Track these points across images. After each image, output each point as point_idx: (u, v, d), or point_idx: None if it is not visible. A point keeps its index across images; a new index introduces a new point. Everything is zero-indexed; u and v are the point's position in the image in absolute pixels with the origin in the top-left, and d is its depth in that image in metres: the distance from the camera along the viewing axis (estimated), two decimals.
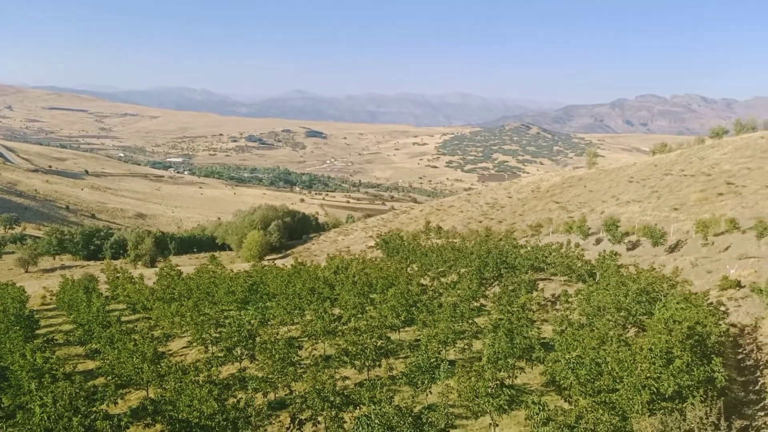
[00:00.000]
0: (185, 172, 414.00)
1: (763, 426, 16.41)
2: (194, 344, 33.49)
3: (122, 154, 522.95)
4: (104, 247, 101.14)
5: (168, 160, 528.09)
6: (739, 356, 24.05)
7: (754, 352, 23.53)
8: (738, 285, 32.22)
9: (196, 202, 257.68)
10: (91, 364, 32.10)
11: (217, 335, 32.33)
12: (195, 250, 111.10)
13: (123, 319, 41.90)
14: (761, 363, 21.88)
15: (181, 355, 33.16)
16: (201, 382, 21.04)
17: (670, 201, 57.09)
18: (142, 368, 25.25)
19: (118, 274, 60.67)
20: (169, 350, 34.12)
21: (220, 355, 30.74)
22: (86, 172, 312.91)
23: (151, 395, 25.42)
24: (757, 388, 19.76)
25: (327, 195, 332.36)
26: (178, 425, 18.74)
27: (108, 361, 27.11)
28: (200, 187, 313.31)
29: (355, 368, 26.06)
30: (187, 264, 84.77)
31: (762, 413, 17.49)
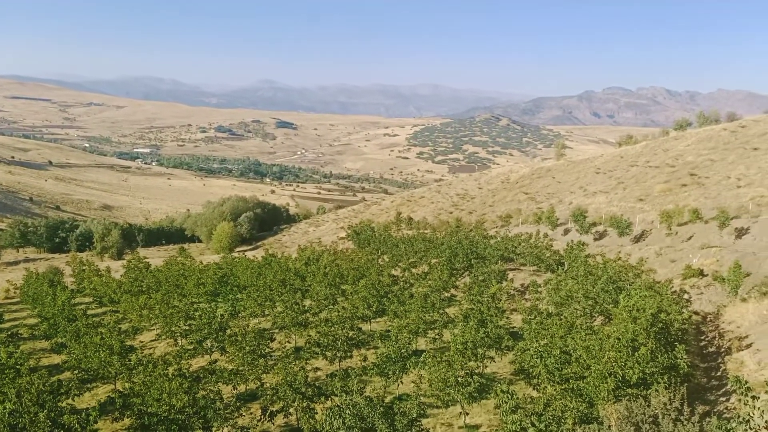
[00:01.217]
0: (153, 163, 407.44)
1: (724, 411, 16.89)
2: (163, 337, 33.17)
3: (87, 145, 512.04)
4: (69, 240, 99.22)
5: (135, 150, 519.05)
6: (702, 343, 24.67)
7: (716, 339, 24.16)
8: (701, 274, 33.03)
9: (165, 194, 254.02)
10: (56, 359, 31.55)
11: (187, 328, 32.07)
12: (163, 242, 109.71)
13: (89, 312, 41.18)
14: (723, 350, 22.49)
15: (150, 348, 32.78)
16: (170, 375, 20.86)
17: (636, 192, 58.13)
18: (110, 362, 24.91)
19: (84, 267, 59.55)
20: (138, 343, 33.67)
21: (189, 347, 30.49)
22: (50, 162, 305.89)
23: (119, 389, 25.11)
24: (719, 374, 20.31)
25: (298, 186, 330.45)
26: (147, 419, 18.56)
27: (74, 355, 26.69)
28: (168, 179, 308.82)
29: (326, 359, 26.09)
30: (156, 256, 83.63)
31: (723, 398, 18.00)
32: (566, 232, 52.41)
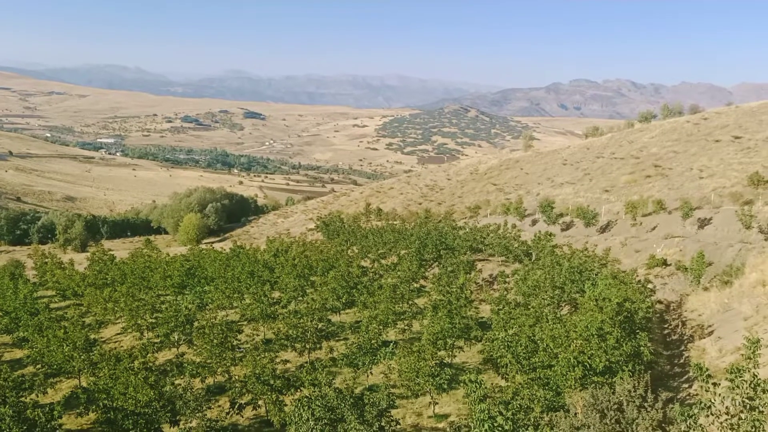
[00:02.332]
0: (117, 154, 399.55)
1: (687, 397, 17.28)
2: (129, 330, 32.64)
3: (49, 135, 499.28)
4: (31, 232, 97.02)
5: (99, 140, 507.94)
6: (665, 331, 25.22)
7: (679, 327, 24.71)
8: (664, 263, 33.73)
9: (130, 185, 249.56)
10: (18, 353, 30.84)
11: (153, 321, 31.63)
12: (129, 233, 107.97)
13: (52, 306, 40.42)
14: (685, 337, 23.00)
15: (115, 342, 32.24)
16: (136, 369, 20.55)
17: (602, 183, 59.02)
18: (73, 356, 24.42)
19: (47, 260, 58.22)
20: (102, 337, 33.11)
21: (156, 341, 30.06)
22: (10, 153, 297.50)
23: (84, 384, 24.66)
24: (681, 361, 20.77)
25: (266, 177, 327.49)
26: (113, 414, 18.25)
27: (37, 350, 26.12)
28: (134, 169, 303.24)
29: (295, 351, 25.98)
30: (121, 248, 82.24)
31: (686, 385, 18.42)
32: (534, 222, 52.98)
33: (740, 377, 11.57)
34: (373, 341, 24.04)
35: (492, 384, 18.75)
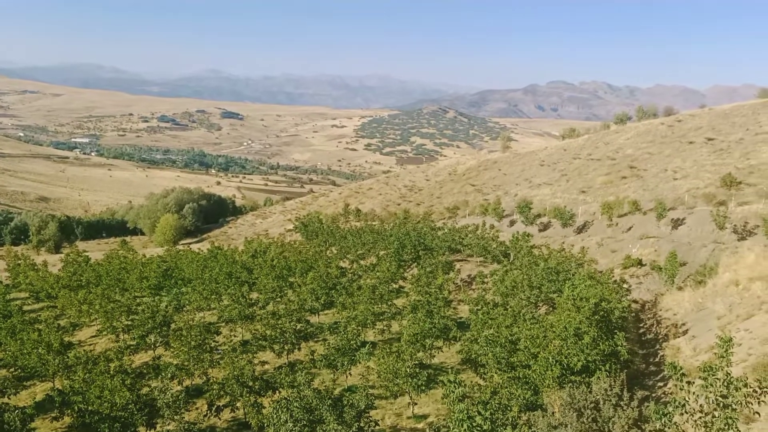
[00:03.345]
0: (92, 153, 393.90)
1: (662, 395, 17.53)
2: (104, 333, 32.26)
3: (22, 134, 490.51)
4: (3, 233, 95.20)
5: (73, 140, 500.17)
6: (641, 330, 25.55)
7: (654, 326, 25.06)
8: (639, 263, 34.17)
9: (105, 185, 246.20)
10: None
11: (129, 323, 31.28)
12: (104, 235, 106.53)
13: (25, 308, 39.76)
14: (660, 336, 23.33)
15: (90, 345, 31.80)
16: (112, 371, 20.29)
17: (579, 184, 59.62)
18: (48, 359, 24.05)
19: (20, 261, 57.26)
20: (77, 340, 32.63)
21: (132, 343, 29.72)
22: None
23: (59, 387, 24.29)
24: (656, 360, 21.06)
25: (244, 178, 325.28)
26: (88, 417, 18.01)
27: (10, 353, 25.67)
28: (109, 169, 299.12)
29: (274, 352, 25.88)
30: (96, 250, 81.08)
31: (661, 383, 18.68)
32: (512, 223, 53.34)
33: (714, 376, 11.76)
34: (352, 342, 24.03)
35: (471, 384, 18.84)
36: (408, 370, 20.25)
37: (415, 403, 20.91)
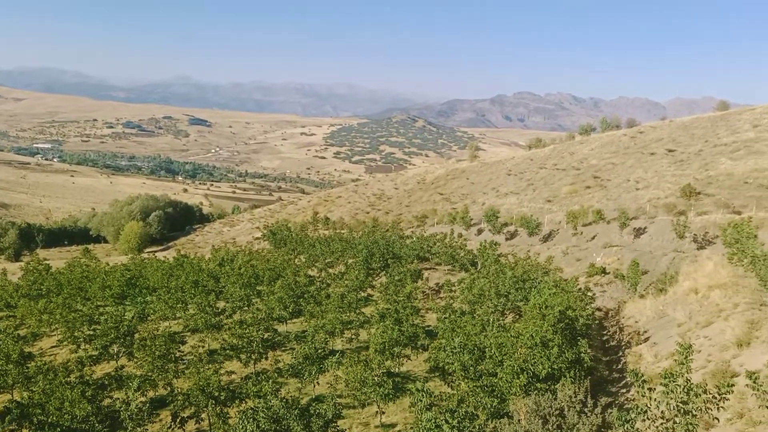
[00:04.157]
0: (55, 159, 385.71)
1: (625, 402, 17.84)
2: (65, 343, 31.50)
3: None
4: None
5: (35, 146, 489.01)
6: (604, 337, 25.98)
7: (617, 333, 25.51)
8: (603, 272, 34.78)
9: (68, 192, 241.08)
10: None
11: (91, 333, 30.64)
12: (66, 243, 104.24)
13: None
14: (623, 343, 23.76)
15: (51, 355, 31.04)
16: (73, 382, 19.85)
17: (545, 193, 60.46)
18: (7, 370, 23.41)
19: None
20: (37, 350, 31.82)
21: (94, 353, 29.09)
22: None
23: (17, 399, 23.62)
24: (620, 366, 21.43)
25: (212, 185, 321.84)
26: (47, 429, 17.58)
27: None
28: (72, 176, 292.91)
29: (241, 362, 25.61)
30: (57, 258, 79.30)
31: (624, 390, 19.01)
32: (479, 231, 53.80)
33: (674, 382, 12.03)
34: (319, 351, 23.92)
35: (439, 392, 18.91)
36: (376, 378, 20.24)
37: (383, 412, 20.89)
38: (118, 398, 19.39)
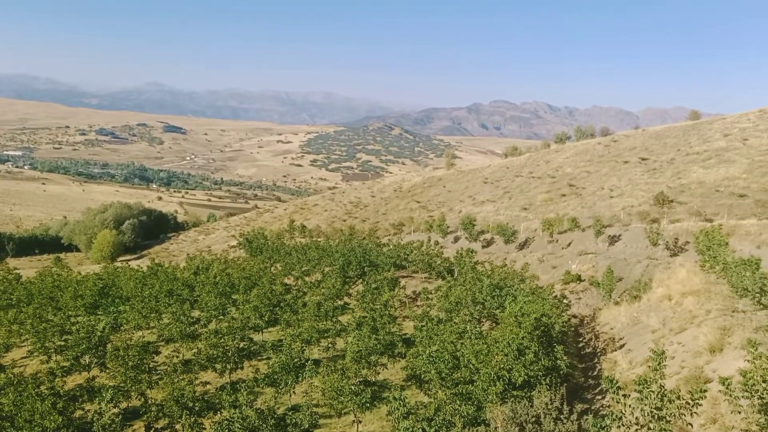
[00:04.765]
0: (25, 167, 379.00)
1: (600, 408, 17.95)
2: (35, 354, 30.86)
3: None
4: None
5: (5, 153, 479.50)
6: (580, 344, 26.17)
7: (593, 340, 25.71)
8: (579, 279, 35.09)
9: (39, 200, 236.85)
10: None
11: (62, 343, 30.05)
12: (37, 251, 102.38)
13: None
14: (598, 350, 23.95)
15: (21, 366, 30.38)
16: (43, 394, 19.42)
17: (521, 201, 60.92)
18: None
19: None
20: (8, 361, 31.14)
21: (65, 364, 28.52)
22: None
23: None
24: (595, 373, 21.58)
25: (187, 193, 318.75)
26: None
27: None
28: (43, 183, 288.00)
29: (216, 372, 25.29)
30: (28, 267, 77.81)
31: (600, 397, 19.14)
32: (456, 239, 53.98)
33: (648, 388, 12.14)
34: (296, 360, 23.74)
35: (415, 401, 18.85)
36: (352, 387, 20.12)
37: (360, 421, 20.76)
38: (90, 410, 19.00)
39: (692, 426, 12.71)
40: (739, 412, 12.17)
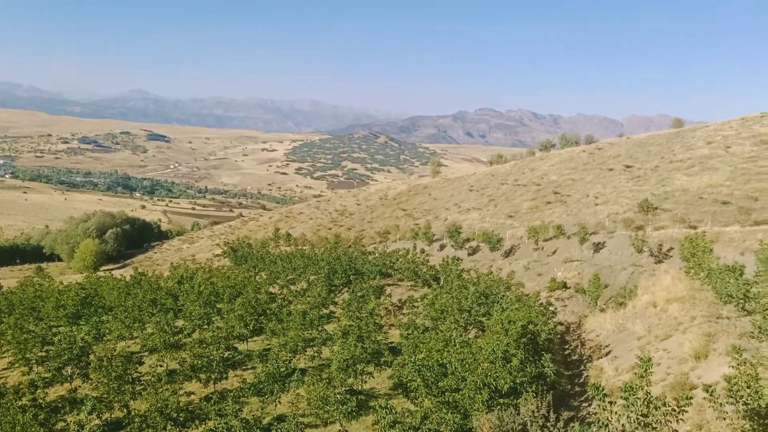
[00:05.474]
0: (6, 175, 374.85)
1: (587, 416, 17.95)
2: (16, 365, 30.34)
3: None
4: None
5: None
6: (566, 352, 26.20)
7: (579, 347, 25.75)
8: (564, 286, 35.19)
9: (20, 209, 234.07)
10: None
11: (44, 354, 29.59)
12: (18, 261, 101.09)
13: None
14: (585, 357, 23.99)
15: (2, 378, 29.84)
16: (25, 406, 19.08)
17: (506, 209, 61.12)
18: None
19: None
20: None
21: (47, 375, 28.06)
22: None
23: None
24: (581, 380, 21.60)
25: (171, 201, 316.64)
26: None
27: None
28: (24, 192, 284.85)
29: (200, 382, 25.00)
30: (9, 277, 76.75)
31: (586, 404, 19.14)
32: (442, 247, 54.00)
33: (634, 395, 12.15)
34: (281, 369, 23.52)
35: (402, 409, 18.74)
36: (338, 396, 19.97)
37: (346, 431, 20.60)
38: (72, 421, 18.68)
39: None
40: (724, 419, 12.22)
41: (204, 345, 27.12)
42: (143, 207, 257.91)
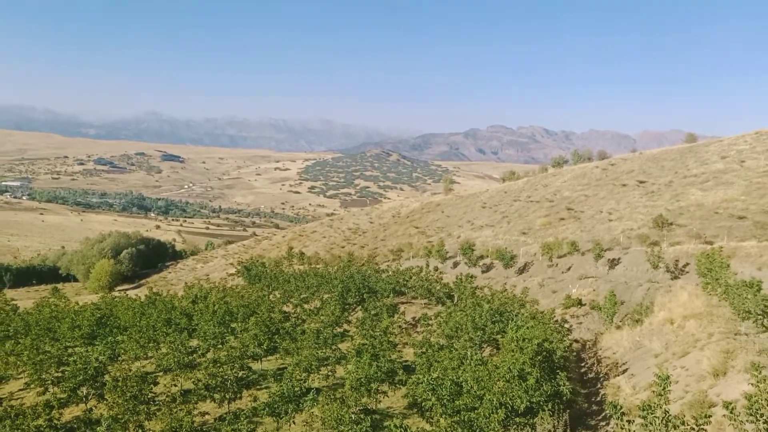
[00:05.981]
0: (24, 197, 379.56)
1: None
2: (32, 386, 30.49)
3: None
4: None
5: (3, 184, 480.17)
6: (582, 369, 25.92)
7: (595, 365, 25.47)
8: (579, 303, 34.89)
9: (37, 230, 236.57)
10: None
11: (60, 374, 29.71)
12: (35, 282, 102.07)
13: None
14: (601, 375, 23.71)
15: (18, 399, 29.99)
16: (41, 426, 19.15)
17: (519, 225, 60.89)
18: None
19: None
20: (6, 393, 30.77)
21: (62, 396, 28.17)
22: None
23: None
24: (598, 399, 21.34)
25: (185, 221, 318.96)
26: None
27: None
28: (41, 213, 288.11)
29: (214, 402, 24.97)
30: (25, 298, 77.41)
31: (603, 423, 18.89)
32: (455, 265, 53.83)
33: (652, 414, 11.99)
34: (295, 389, 23.46)
35: (417, 429, 18.60)
36: (352, 416, 19.85)
37: None
38: None
39: None
40: None
41: (218, 365, 27.12)
42: (158, 227, 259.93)
